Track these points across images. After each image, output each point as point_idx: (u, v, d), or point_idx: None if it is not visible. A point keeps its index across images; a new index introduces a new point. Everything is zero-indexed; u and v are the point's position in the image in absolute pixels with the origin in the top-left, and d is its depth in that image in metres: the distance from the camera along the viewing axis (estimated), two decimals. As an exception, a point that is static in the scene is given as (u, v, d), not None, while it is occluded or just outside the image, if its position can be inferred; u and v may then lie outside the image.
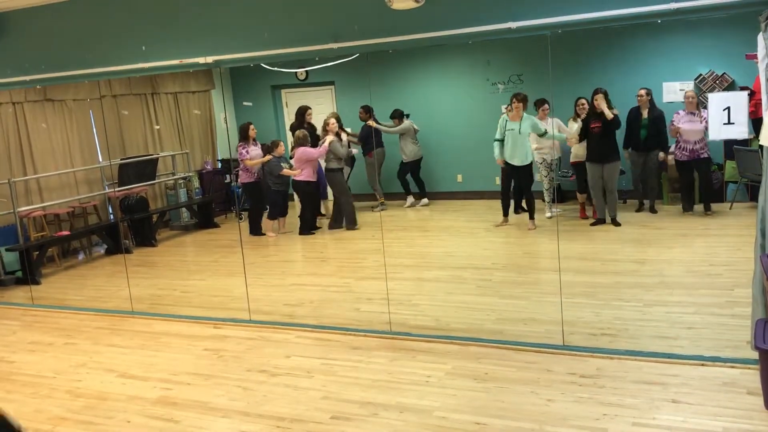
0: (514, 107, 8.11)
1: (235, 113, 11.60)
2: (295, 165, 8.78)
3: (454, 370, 4.43)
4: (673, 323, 4.90)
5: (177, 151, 10.40)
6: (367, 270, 7.02)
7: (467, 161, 9.94)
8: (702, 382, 3.96)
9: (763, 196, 3.97)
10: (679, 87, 9.04)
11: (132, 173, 9.36)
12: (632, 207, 8.63)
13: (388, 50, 4.99)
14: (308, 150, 8.74)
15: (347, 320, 5.55)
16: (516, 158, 8.21)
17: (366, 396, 4.16)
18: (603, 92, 7.89)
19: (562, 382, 4.12)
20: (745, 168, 8.10)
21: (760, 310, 4.01)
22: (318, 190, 9.15)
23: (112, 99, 9.52)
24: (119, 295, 6.82)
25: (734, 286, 5.50)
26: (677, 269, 6.18)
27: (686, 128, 7.90)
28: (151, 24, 5.58)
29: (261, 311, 5.91)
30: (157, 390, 4.52)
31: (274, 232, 8.98)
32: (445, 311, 5.61)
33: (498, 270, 6.76)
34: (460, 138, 9.98)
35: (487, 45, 9.27)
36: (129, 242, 9.07)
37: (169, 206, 10.15)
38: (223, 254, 8.42)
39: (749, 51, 4.65)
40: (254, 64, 5.69)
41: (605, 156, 8.01)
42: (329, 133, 8.79)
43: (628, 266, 6.40)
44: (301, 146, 8.74)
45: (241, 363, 4.86)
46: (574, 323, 5.00)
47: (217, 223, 10.19)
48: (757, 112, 4.51)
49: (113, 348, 5.43)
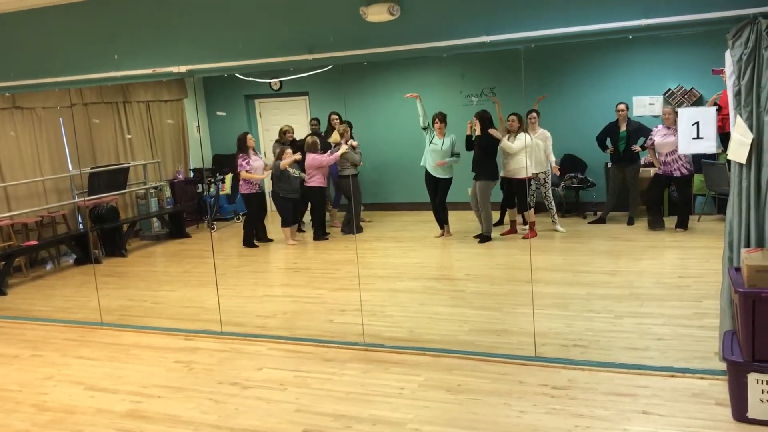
0: (437, 127, 8.42)
1: (208, 123, 11.55)
2: (307, 171, 8.85)
3: (426, 381, 4.43)
4: (644, 334, 4.96)
5: (149, 161, 10.30)
6: (341, 281, 7.00)
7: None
8: (672, 394, 4.01)
9: (731, 210, 4.04)
10: (648, 101, 9.21)
11: (103, 182, 9.25)
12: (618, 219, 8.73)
13: (363, 62, 5.01)
14: (318, 157, 8.84)
15: (320, 332, 5.52)
16: (437, 171, 8.51)
17: (339, 408, 4.14)
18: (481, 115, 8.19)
19: (535, 394, 4.14)
20: (713, 181, 8.25)
21: (727, 321, 4.07)
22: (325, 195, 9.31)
23: (82, 107, 9.42)
24: (88, 306, 6.71)
25: (703, 298, 5.59)
26: (647, 281, 6.26)
27: (659, 142, 8.03)
28: (124, 32, 5.53)
29: (233, 323, 5.86)
30: (126, 403, 4.45)
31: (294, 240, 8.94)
32: (419, 322, 5.62)
33: (471, 281, 6.78)
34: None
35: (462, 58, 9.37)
36: (99, 252, 8.95)
37: (140, 216, 10.04)
38: (195, 264, 8.34)
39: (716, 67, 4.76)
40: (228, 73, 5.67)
41: (481, 173, 8.23)
42: (343, 141, 8.92)
43: (599, 278, 6.46)
44: (311, 153, 8.82)
45: (212, 375, 4.81)
46: (546, 334, 5.03)
47: (188, 233, 10.09)
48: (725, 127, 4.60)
49: (82, 360, 5.33)
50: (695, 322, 5.12)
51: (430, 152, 8.51)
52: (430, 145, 8.51)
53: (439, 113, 8.46)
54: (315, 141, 8.93)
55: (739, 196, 3.98)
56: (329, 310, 6.08)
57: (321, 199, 9.12)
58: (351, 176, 8.99)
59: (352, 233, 8.87)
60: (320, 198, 9.10)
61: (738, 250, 3.98)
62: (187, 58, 5.38)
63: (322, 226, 9.11)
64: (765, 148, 3.85)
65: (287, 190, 8.76)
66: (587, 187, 9.16)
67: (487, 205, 8.20)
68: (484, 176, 8.20)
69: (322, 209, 9.15)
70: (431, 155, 8.50)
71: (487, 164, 8.18)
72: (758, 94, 3.82)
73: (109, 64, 5.63)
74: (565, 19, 4.25)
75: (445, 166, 8.43)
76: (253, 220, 9.08)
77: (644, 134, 8.49)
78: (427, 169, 8.59)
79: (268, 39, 5.09)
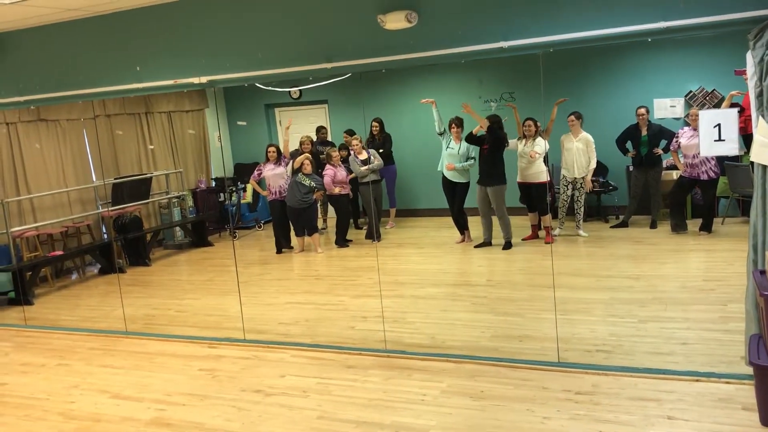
0: (454, 132, 8.43)
1: (229, 132, 11.64)
2: (327, 181, 9.01)
3: (449, 388, 4.42)
4: (668, 339, 4.91)
5: (171, 170, 10.40)
6: (362, 288, 7.01)
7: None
8: (697, 398, 3.96)
9: (755, 212, 3.99)
10: (669, 103, 9.13)
11: (126, 192, 9.35)
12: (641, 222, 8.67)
13: (381, 69, 5.03)
14: (330, 171, 9.05)
15: (342, 339, 5.54)
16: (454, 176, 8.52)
17: (362, 415, 4.14)
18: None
19: (558, 400, 4.11)
20: (737, 184, 8.15)
21: (753, 325, 4.02)
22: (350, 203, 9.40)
23: (105, 118, 9.54)
24: (113, 315, 6.79)
25: (728, 302, 5.52)
26: (671, 285, 6.20)
27: (685, 144, 7.93)
28: (146, 44, 5.61)
29: (256, 330, 5.90)
30: (151, 411, 4.50)
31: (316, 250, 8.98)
32: (441, 329, 5.61)
33: (492, 287, 6.76)
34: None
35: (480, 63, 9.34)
36: (122, 262, 9.04)
37: (163, 225, 10.13)
38: (217, 273, 8.40)
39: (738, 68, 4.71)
40: (248, 83, 5.72)
41: (486, 179, 8.14)
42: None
43: (622, 282, 6.41)
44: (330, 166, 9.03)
45: (235, 383, 4.84)
46: (568, 340, 5.00)
47: (210, 241, 10.17)
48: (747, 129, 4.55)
49: (107, 369, 5.40)
50: (720, 326, 5.06)
51: (447, 157, 8.51)
52: (447, 150, 8.52)
53: (456, 118, 8.46)
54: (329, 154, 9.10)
55: (763, 198, 3.93)
56: (351, 317, 6.10)
57: (344, 207, 9.15)
58: (372, 182, 8.99)
59: (373, 240, 8.89)
60: (343, 206, 9.13)
61: (762, 253, 3.94)
62: (208, 69, 5.44)
63: (345, 233, 9.13)
64: (788, 149, 3.80)
65: (294, 199, 8.79)
66: (609, 190, 9.09)
67: (504, 210, 8.17)
68: (497, 181, 8.12)
69: (345, 217, 9.18)
70: (448, 160, 8.50)
71: (498, 168, 8.13)
72: (781, 94, 3.78)
73: (132, 75, 5.72)
74: (582, 23, 4.24)
75: (461, 170, 8.41)
76: (275, 227, 9.14)
77: (666, 137, 8.42)
78: (444, 175, 8.59)
79: (287, 49, 5.14)
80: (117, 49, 5.73)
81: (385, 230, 9.65)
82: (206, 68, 5.44)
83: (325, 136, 10.20)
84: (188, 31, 5.44)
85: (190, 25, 5.42)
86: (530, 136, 8.10)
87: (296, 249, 9.03)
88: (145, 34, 5.59)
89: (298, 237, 9.00)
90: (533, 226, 8.50)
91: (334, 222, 9.32)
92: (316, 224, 9.16)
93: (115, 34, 5.69)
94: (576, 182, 8.40)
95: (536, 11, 4.36)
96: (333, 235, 9.24)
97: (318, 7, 4.94)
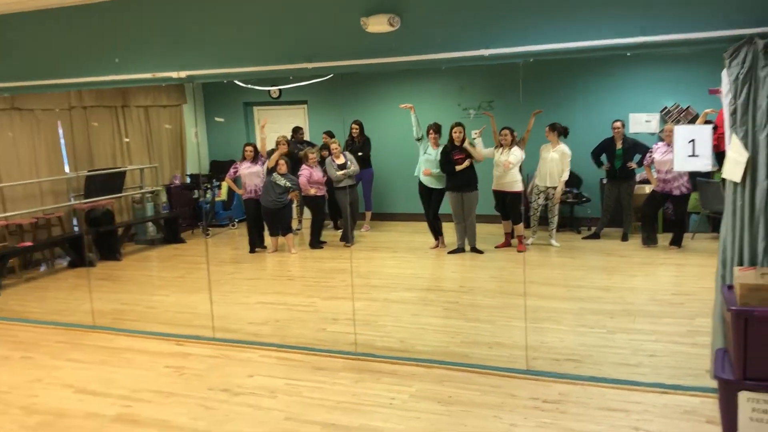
0: (432, 138, 8.44)
1: (206, 129, 11.56)
2: (303, 182, 8.94)
3: (418, 392, 4.42)
4: (636, 350, 4.97)
5: (146, 165, 10.30)
6: (334, 290, 7.00)
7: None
8: (663, 410, 4.01)
9: (725, 228, 4.06)
10: (645, 118, 9.26)
11: (99, 185, 9.24)
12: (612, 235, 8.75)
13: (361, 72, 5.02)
14: (305, 171, 8.95)
15: (312, 340, 5.51)
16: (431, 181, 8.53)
17: (329, 417, 4.13)
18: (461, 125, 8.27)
19: (526, 407, 4.14)
20: (708, 200, 8.27)
21: (720, 339, 4.07)
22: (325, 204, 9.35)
23: (81, 110, 9.42)
24: (81, 309, 6.69)
25: (696, 315, 5.60)
26: (641, 297, 6.27)
27: (659, 159, 8.02)
28: (125, 36, 5.54)
29: (225, 329, 5.85)
30: (116, 407, 4.43)
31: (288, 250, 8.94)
32: (412, 333, 5.61)
33: (464, 293, 6.78)
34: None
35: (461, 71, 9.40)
36: (93, 255, 8.92)
37: (136, 220, 10.03)
38: (189, 270, 8.33)
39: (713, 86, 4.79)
40: (227, 80, 5.68)
41: (465, 185, 8.18)
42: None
43: (592, 293, 6.47)
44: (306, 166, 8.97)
45: (203, 381, 4.79)
46: (538, 348, 5.03)
47: (183, 238, 10.08)
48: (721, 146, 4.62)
49: (72, 363, 5.31)
50: (688, 339, 5.13)
51: (424, 163, 8.53)
52: (424, 156, 8.54)
53: (434, 124, 8.49)
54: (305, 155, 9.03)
55: (733, 215, 3.99)
56: (322, 319, 6.08)
57: (319, 209, 9.13)
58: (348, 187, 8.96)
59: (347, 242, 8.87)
60: (318, 207, 9.11)
61: (731, 269, 4.00)
62: (187, 64, 5.39)
63: (319, 234, 9.11)
64: (760, 167, 3.86)
65: (269, 199, 8.74)
66: (582, 202, 9.18)
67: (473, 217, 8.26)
68: (474, 187, 8.23)
69: (320, 218, 9.16)
70: (425, 166, 8.52)
71: (475, 175, 8.24)
72: (754, 113, 3.84)
73: (110, 67, 5.64)
74: (564, 35, 4.28)
75: (438, 176, 8.43)
76: (249, 226, 9.09)
77: (640, 151, 8.52)
78: (420, 180, 8.61)
79: (268, 47, 5.11)
80: (96, 39, 5.65)
81: (360, 233, 9.64)
82: (186, 63, 5.39)
83: (302, 137, 10.17)
84: (169, 24, 5.38)
85: (171, 19, 5.37)
86: (506, 145, 8.15)
87: (270, 249, 8.98)
88: (125, 25, 5.52)
89: (272, 237, 8.96)
90: (506, 234, 8.55)
91: (309, 223, 9.29)
92: (291, 224, 9.12)
93: (94, 25, 5.61)
94: (548, 192, 8.47)
95: (518, 21, 4.39)
96: (308, 236, 9.21)
97: (301, 7, 4.93)
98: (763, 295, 3.50)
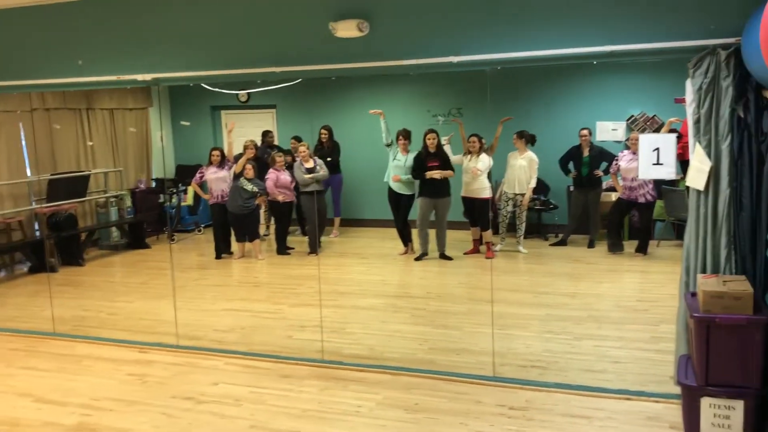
0: (401, 144, 8.43)
1: (172, 132, 11.41)
2: (270, 185, 8.84)
3: (385, 400, 4.39)
4: (601, 357, 5.00)
5: (110, 169, 10.13)
6: (302, 296, 6.94)
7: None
8: (627, 416, 4.03)
9: (689, 236, 4.11)
10: (611, 127, 9.36)
11: (62, 189, 9.06)
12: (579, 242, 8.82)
13: (331, 77, 4.99)
14: (272, 175, 8.86)
15: (279, 348, 5.45)
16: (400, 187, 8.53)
17: (295, 426, 4.08)
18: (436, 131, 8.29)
19: (492, 414, 4.13)
20: (672, 207, 8.39)
21: (683, 346, 4.12)
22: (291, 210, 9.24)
23: (44, 112, 9.23)
24: (41, 316, 6.53)
25: (660, 322, 5.66)
26: (606, 304, 6.33)
27: (625, 167, 8.11)
28: (90, 38, 5.44)
29: (189, 336, 5.76)
30: (75, 416, 4.33)
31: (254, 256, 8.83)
32: (379, 340, 5.58)
33: (432, 299, 6.78)
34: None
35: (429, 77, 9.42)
36: (55, 260, 8.74)
37: (100, 225, 9.85)
38: (153, 276, 8.19)
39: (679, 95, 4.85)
40: (194, 83, 5.61)
41: (438, 192, 8.21)
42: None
43: (559, 299, 6.51)
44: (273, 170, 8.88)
45: (166, 389, 4.71)
46: (505, 354, 5.04)
47: (148, 243, 9.93)
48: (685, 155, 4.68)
49: (29, 371, 5.18)
50: (652, 345, 5.18)
51: (394, 169, 8.52)
52: (394, 162, 8.53)
53: (403, 130, 8.48)
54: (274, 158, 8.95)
55: (697, 223, 4.05)
56: (289, 326, 6.02)
57: (285, 215, 9.05)
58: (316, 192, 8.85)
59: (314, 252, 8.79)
60: (285, 213, 9.03)
61: (694, 276, 4.04)
62: (153, 66, 5.31)
63: (284, 240, 9.03)
64: (722, 175, 3.92)
65: (235, 204, 8.64)
66: (549, 209, 9.25)
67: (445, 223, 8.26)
68: (447, 193, 8.24)
69: (283, 225, 9.08)
70: (394, 172, 8.51)
71: (447, 182, 8.25)
72: (717, 122, 3.90)
73: (73, 69, 5.53)
74: (531, 43, 4.30)
75: (407, 182, 8.43)
76: (216, 232, 8.98)
77: (606, 159, 8.62)
78: (390, 186, 8.60)
79: (236, 50, 5.06)
80: (58, 40, 5.54)
81: (328, 239, 9.57)
82: (152, 65, 5.31)
83: (272, 141, 10.09)
84: (134, 26, 5.29)
85: (137, 21, 5.28)
86: (474, 152, 8.18)
87: (236, 255, 8.88)
88: (89, 26, 5.42)
89: (238, 243, 8.86)
90: (475, 241, 8.57)
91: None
92: (258, 230, 9.03)
93: (57, 25, 5.50)
94: (516, 199, 8.52)
95: (487, 29, 4.41)
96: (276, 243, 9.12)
97: (269, 10, 4.89)
98: (726, 303, 3.55)
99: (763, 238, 3.83)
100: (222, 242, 8.95)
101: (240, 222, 8.71)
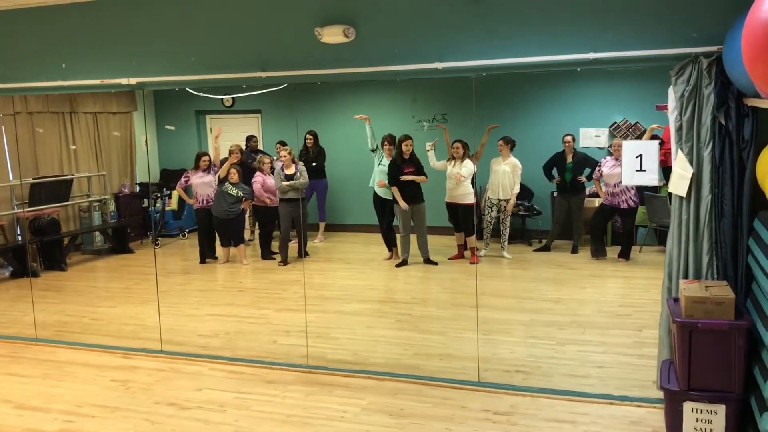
0: (386, 149, 8.45)
1: (156, 137, 11.34)
2: (257, 188, 8.80)
3: (370, 405, 4.39)
4: (584, 362, 5.03)
5: (94, 173, 10.06)
6: (287, 301, 6.92)
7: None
8: (610, 421, 4.06)
9: (671, 241, 4.15)
10: (594, 133, 9.44)
11: (44, 193, 8.99)
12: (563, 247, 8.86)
13: (316, 82, 5.00)
14: (259, 178, 8.82)
15: (263, 353, 5.44)
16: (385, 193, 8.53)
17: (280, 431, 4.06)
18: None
19: (477, 419, 4.14)
20: (655, 213, 8.46)
21: (666, 351, 4.16)
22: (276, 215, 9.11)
23: (27, 116, 9.16)
24: (23, 321, 6.47)
25: (643, 327, 5.70)
26: (589, 309, 6.37)
27: (607, 173, 8.18)
28: (73, 41, 5.41)
29: (173, 342, 5.73)
30: (58, 422, 4.29)
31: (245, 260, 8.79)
32: (364, 345, 5.58)
33: (417, 304, 6.79)
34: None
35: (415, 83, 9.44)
36: (37, 265, 8.66)
37: (83, 229, 9.78)
38: (137, 281, 8.14)
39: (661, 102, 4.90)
40: (179, 88, 5.59)
41: (411, 198, 8.23)
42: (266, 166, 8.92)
43: (543, 304, 6.54)
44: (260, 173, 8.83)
45: (149, 395, 4.68)
46: (489, 360, 5.06)
47: (131, 248, 9.87)
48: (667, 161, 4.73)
49: (11, 377, 5.13)
50: (635, 350, 5.22)
51: (379, 174, 8.53)
52: (379, 167, 8.54)
53: (389, 135, 8.50)
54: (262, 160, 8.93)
55: (679, 228, 4.09)
56: (273, 331, 6.00)
57: (270, 220, 9.02)
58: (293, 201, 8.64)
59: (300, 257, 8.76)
60: (269, 218, 9.00)
61: (677, 281, 4.09)
62: (138, 70, 5.30)
63: (269, 245, 9.00)
64: (704, 182, 3.97)
65: (220, 209, 8.61)
66: (533, 215, 9.30)
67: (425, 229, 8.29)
68: (421, 199, 8.27)
69: (267, 229, 9.04)
70: (379, 177, 8.52)
71: (420, 187, 8.28)
72: (698, 129, 3.95)
73: (57, 72, 5.50)
74: (516, 50, 4.34)
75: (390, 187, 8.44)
76: (200, 237, 8.94)
77: (590, 165, 8.69)
78: (375, 191, 8.61)
79: (222, 55, 5.06)
80: (42, 44, 5.51)
81: (313, 244, 9.55)
82: (136, 69, 5.29)
83: (256, 146, 10.07)
84: (119, 30, 5.27)
85: (121, 24, 5.26)
86: (458, 158, 8.21)
87: (221, 260, 8.85)
88: (73, 30, 5.39)
89: (223, 247, 8.83)
90: (459, 246, 8.59)
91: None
92: (243, 235, 9.00)
93: (41, 29, 5.47)
94: (500, 204, 8.56)
95: (471, 36, 4.44)
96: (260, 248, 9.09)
97: (255, 15, 4.89)
98: (708, 308, 3.59)
99: (745, 244, 3.88)
100: (207, 247, 8.92)
101: (225, 227, 8.68)
